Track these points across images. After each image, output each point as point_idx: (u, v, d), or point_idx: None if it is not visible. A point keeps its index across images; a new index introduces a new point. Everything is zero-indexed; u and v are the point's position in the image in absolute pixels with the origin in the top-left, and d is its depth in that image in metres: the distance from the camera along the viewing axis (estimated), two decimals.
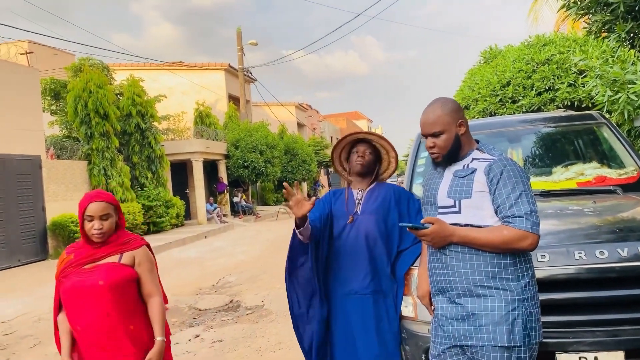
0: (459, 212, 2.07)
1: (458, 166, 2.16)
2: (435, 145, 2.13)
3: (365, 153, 2.74)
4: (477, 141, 2.23)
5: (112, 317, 2.29)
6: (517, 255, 2.01)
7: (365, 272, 2.63)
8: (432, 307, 2.25)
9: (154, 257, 2.55)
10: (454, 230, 2.02)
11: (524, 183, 2.01)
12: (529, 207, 1.95)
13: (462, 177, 2.10)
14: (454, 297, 2.06)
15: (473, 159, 2.13)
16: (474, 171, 2.08)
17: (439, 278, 2.13)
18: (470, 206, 2.05)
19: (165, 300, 2.55)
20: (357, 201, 2.75)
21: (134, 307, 2.38)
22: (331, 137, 45.00)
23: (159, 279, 2.56)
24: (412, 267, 2.60)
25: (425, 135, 2.18)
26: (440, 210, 2.15)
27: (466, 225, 2.05)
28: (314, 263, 2.62)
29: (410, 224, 2.04)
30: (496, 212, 2.02)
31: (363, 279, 2.62)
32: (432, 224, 2.01)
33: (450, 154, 2.14)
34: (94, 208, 2.33)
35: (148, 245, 2.54)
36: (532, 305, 2.01)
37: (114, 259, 2.37)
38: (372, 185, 2.81)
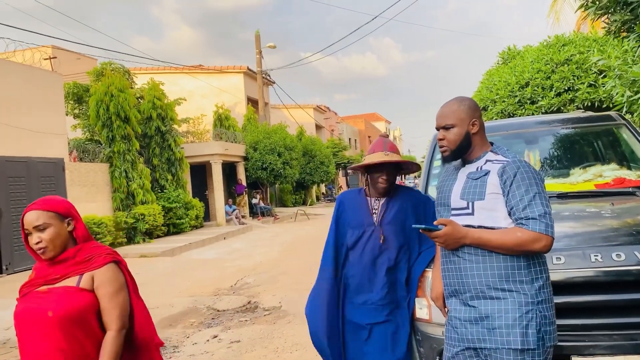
0: (472, 213, 2.08)
1: (472, 168, 2.17)
2: (444, 138, 2.16)
3: (389, 176, 2.61)
4: (492, 143, 2.23)
5: (67, 354, 1.88)
6: (531, 257, 2.01)
7: (382, 283, 2.57)
8: (446, 309, 2.26)
9: (128, 276, 2.08)
10: (466, 232, 2.02)
11: (537, 185, 2.01)
12: (542, 209, 1.95)
13: (476, 178, 2.11)
14: (467, 299, 2.07)
15: (487, 161, 2.14)
16: (487, 173, 2.09)
17: (452, 280, 2.14)
18: (483, 208, 2.06)
19: (149, 335, 2.09)
20: (373, 210, 2.68)
21: (95, 343, 1.93)
22: (349, 138, 44.98)
23: (137, 307, 2.08)
24: (426, 269, 2.60)
25: (438, 128, 2.21)
26: (454, 212, 2.15)
27: (479, 227, 2.05)
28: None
29: (423, 226, 2.05)
30: (510, 214, 2.02)
31: (381, 290, 2.57)
32: (445, 225, 2.03)
33: (458, 150, 2.15)
34: (27, 218, 1.94)
35: (120, 262, 2.06)
36: (547, 308, 2.00)
37: (72, 281, 1.94)
38: (390, 193, 2.69)
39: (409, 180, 53.74)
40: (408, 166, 2.73)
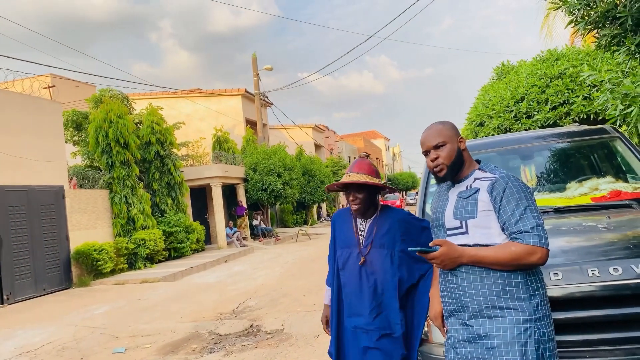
0: (466, 232, 2.09)
1: (461, 187, 2.19)
2: (439, 157, 2.17)
3: (357, 194, 2.55)
4: (479, 161, 2.26)
5: None
6: (527, 274, 2.01)
7: (370, 308, 2.52)
8: (445, 329, 2.25)
9: None
10: (462, 251, 2.03)
11: (527, 198, 2.03)
12: (534, 222, 1.97)
13: (466, 197, 2.13)
14: (466, 319, 2.07)
15: (475, 179, 2.16)
16: (477, 191, 2.11)
17: (450, 300, 2.14)
18: (476, 226, 2.07)
19: None
20: (360, 233, 2.63)
21: None
22: (349, 157, 45.09)
23: None
24: None
25: (427, 151, 2.23)
26: (449, 232, 2.17)
27: (475, 245, 2.06)
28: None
29: (419, 248, 2.06)
30: (503, 230, 2.04)
31: (368, 315, 2.52)
32: (441, 246, 2.04)
33: (453, 166, 2.17)
34: None
35: None
36: (545, 325, 1.99)
37: None
38: (375, 215, 2.63)
39: (410, 197, 53.79)
40: (381, 186, 2.63)
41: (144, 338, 6.65)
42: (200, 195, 19.86)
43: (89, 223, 13.04)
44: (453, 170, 2.18)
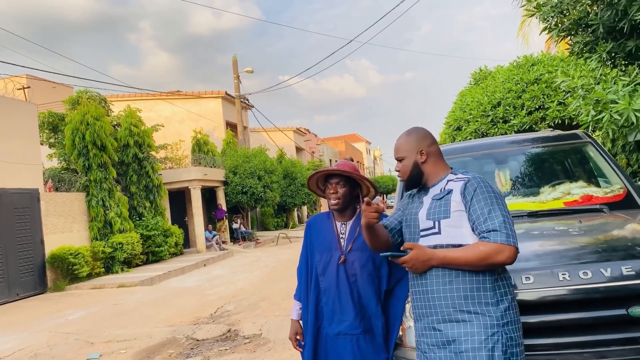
0: (439, 232, 2.11)
1: (436, 190, 2.22)
2: (399, 170, 2.32)
3: (337, 187, 2.55)
4: (452, 168, 2.30)
5: None
6: (495, 279, 2.03)
7: (355, 312, 2.51)
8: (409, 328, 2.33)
9: None
10: (432, 254, 2.05)
11: (497, 199, 2.06)
12: (502, 220, 1.99)
13: (440, 198, 2.16)
14: (434, 323, 2.08)
15: (448, 181, 2.20)
16: (450, 192, 2.14)
17: (419, 303, 2.15)
18: (449, 226, 2.09)
19: None
20: (341, 235, 2.61)
21: None
22: (330, 159, 45.16)
23: None
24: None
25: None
26: (422, 233, 2.18)
27: (448, 245, 2.08)
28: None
29: (389, 253, 2.07)
30: (473, 230, 2.06)
31: (353, 319, 2.51)
32: (411, 249, 2.05)
33: (410, 180, 2.29)
34: None
35: None
36: (513, 329, 2.01)
37: None
38: (355, 217, 2.63)
39: (390, 200, 54.07)
40: (361, 183, 2.61)
41: (119, 343, 6.55)
42: (179, 199, 19.67)
43: (64, 226, 12.81)
44: (410, 182, 2.30)
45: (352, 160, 2.72)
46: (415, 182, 2.28)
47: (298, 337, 2.75)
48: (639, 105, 3.75)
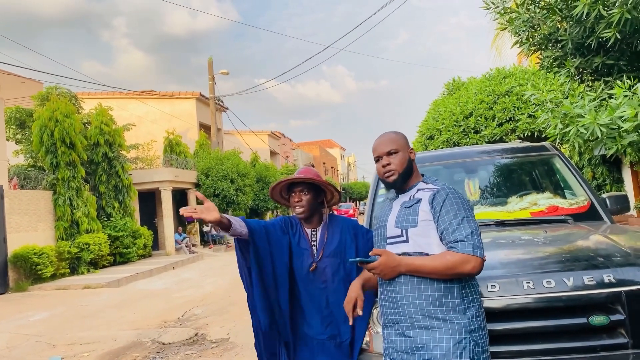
0: (406, 241, 2.13)
1: (405, 197, 2.24)
2: (390, 163, 2.22)
3: (302, 195, 2.56)
4: (422, 175, 2.33)
5: None
6: (463, 286, 2.06)
7: (322, 318, 2.53)
8: (354, 315, 2.32)
9: None
10: (400, 260, 2.07)
11: (465, 209, 2.09)
12: (470, 231, 2.02)
13: (408, 207, 2.18)
14: (404, 329, 2.09)
15: (418, 190, 2.22)
16: (419, 201, 2.16)
17: (389, 310, 2.16)
18: (417, 234, 2.12)
19: None
20: (312, 243, 2.62)
21: None
22: (304, 164, 45.18)
23: None
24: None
25: (379, 157, 2.28)
26: (389, 240, 2.20)
27: (415, 253, 2.10)
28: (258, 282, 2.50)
29: (358, 259, 2.07)
30: (441, 240, 2.08)
31: (320, 325, 2.53)
32: (380, 255, 2.06)
33: (404, 174, 2.23)
34: None
35: None
36: (480, 336, 2.04)
37: None
38: (323, 223, 2.65)
39: (362, 206, 54.33)
40: (330, 195, 2.66)
41: (82, 346, 6.39)
42: (149, 200, 19.36)
43: (29, 225, 12.47)
44: (403, 177, 2.24)
45: (313, 167, 2.73)
46: (406, 178, 2.25)
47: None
48: (604, 120, 3.87)
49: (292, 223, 2.70)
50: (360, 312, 2.32)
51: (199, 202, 20.42)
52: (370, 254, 2.09)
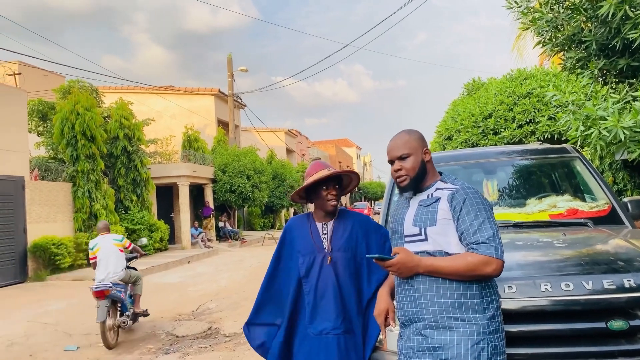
0: (425, 239, 2.11)
1: (423, 196, 2.21)
2: (402, 168, 2.20)
3: (334, 190, 2.59)
4: (441, 173, 2.30)
5: None
6: (482, 287, 2.04)
7: (337, 312, 2.53)
8: (386, 325, 2.32)
9: None
10: (419, 261, 2.05)
11: (486, 210, 2.06)
12: (492, 233, 2.00)
13: (427, 205, 2.15)
14: (421, 329, 2.07)
15: (437, 189, 2.19)
16: (437, 200, 2.14)
17: (407, 309, 2.14)
18: (435, 233, 2.09)
19: None
20: (323, 236, 2.62)
21: None
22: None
23: None
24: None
25: (392, 160, 2.26)
26: (407, 239, 2.18)
27: (434, 252, 2.08)
28: None
29: (376, 255, 2.06)
30: (460, 240, 2.06)
31: (336, 319, 2.52)
32: (398, 254, 2.05)
33: (417, 178, 2.20)
34: None
35: None
36: (498, 338, 2.02)
37: None
38: (335, 217, 2.65)
39: (377, 206, 54.17)
40: (349, 180, 2.72)
41: (98, 336, 6.47)
42: (167, 194, 19.54)
43: (49, 216, 12.67)
44: (416, 181, 2.20)
45: (320, 159, 2.75)
46: (419, 181, 2.21)
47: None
48: (628, 123, 3.79)
49: (296, 224, 2.73)
50: (393, 324, 2.32)
51: (215, 198, 20.56)
52: (391, 253, 2.08)
